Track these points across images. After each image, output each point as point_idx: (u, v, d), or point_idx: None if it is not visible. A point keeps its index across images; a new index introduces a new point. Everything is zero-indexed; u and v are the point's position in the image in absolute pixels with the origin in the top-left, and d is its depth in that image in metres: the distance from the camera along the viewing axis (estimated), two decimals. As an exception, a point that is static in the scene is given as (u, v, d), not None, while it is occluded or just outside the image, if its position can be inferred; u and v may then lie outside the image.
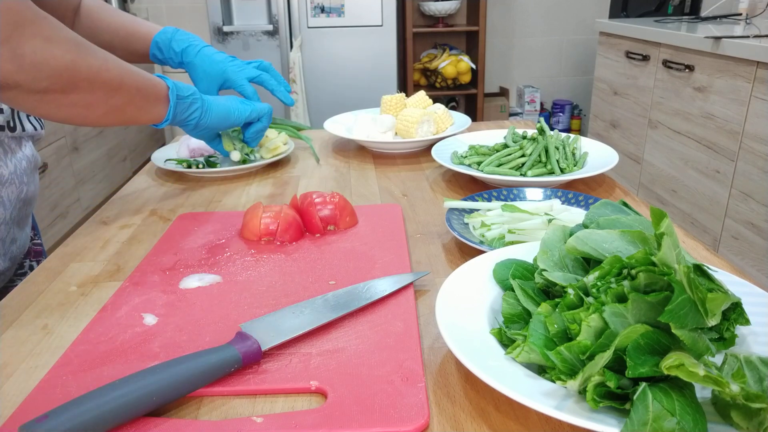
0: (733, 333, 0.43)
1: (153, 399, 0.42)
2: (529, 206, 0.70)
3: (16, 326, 0.56)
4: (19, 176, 0.78)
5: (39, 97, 0.63)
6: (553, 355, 0.40)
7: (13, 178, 0.77)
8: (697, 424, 0.35)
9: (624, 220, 0.50)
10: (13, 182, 0.77)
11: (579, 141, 0.95)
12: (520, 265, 0.53)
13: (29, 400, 0.45)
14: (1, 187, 0.75)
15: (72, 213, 2.57)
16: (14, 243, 0.80)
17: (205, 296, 0.59)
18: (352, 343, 0.50)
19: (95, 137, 2.87)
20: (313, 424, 0.41)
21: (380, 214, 0.78)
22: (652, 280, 0.40)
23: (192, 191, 0.92)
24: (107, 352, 0.50)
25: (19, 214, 0.80)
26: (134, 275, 0.64)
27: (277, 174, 0.99)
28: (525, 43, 3.77)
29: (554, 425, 0.42)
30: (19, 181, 0.78)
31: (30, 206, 0.83)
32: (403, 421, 0.41)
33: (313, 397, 0.45)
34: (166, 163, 1.00)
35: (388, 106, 1.14)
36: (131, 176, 1.43)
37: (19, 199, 0.78)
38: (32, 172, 0.82)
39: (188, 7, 3.61)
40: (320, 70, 3.06)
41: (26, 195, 0.80)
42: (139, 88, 0.73)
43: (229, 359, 0.45)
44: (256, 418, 0.42)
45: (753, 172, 1.82)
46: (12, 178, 0.77)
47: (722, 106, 1.95)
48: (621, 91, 2.65)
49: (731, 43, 1.86)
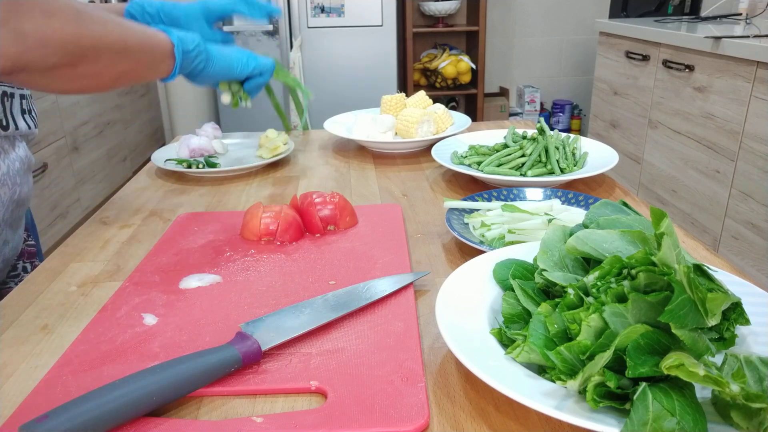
0: (733, 333, 0.43)
1: (153, 399, 0.42)
2: (529, 206, 0.70)
3: (16, 326, 0.56)
4: (12, 177, 0.77)
5: (49, 74, 0.61)
6: (553, 355, 0.40)
7: (6, 179, 0.76)
8: (697, 424, 0.35)
9: (624, 220, 0.50)
10: (6, 183, 0.76)
11: (579, 141, 0.95)
12: (520, 265, 0.53)
13: (29, 400, 0.45)
14: None
15: (72, 213, 2.57)
16: (6, 245, 0.79)
17: (205, 296, 0.59)
18: (352, 343, 0.50)
19: (95, 137, 2.87)
20: (313, 424, 0.41)
21: (380, 214, 0.78)
22: (652, 280, 0.40)
23: (192, 191, 0.92)
24: (107, 352, 0.50)
25: (11, 216, 0.79)
26: (134, 275, 0.64)
27: (277, 174, 0.99)
28: (525, 43, 3.77)
29: (554, 425, 0.42)
30: (12, 183, 0.77)
31: (23, 207, 0.82)
32: (403, 421, 0.41)
33: (313, 397, 0.45)
34: (166, 163, 1.00)
35: (388, 106, 1.14)
36: (131, 176, 1.43)
37: (12, 201, 0.78)
38: (26, 173, 0.81)
39: (188, 7, 3.61)
40: (320, 70, 3.06)
41: (19, 196, 0.79)
42: (143, 48, 0.71)
43: (230, 359, 0.45)
44: (256, 418, 0.42)
45: (753, 172, 1.82)
46: (5, 180, 0.76)
47: (722, 106, 1.95)
48: (621, 91, 2.65)
49: (731, 43, 1.86)
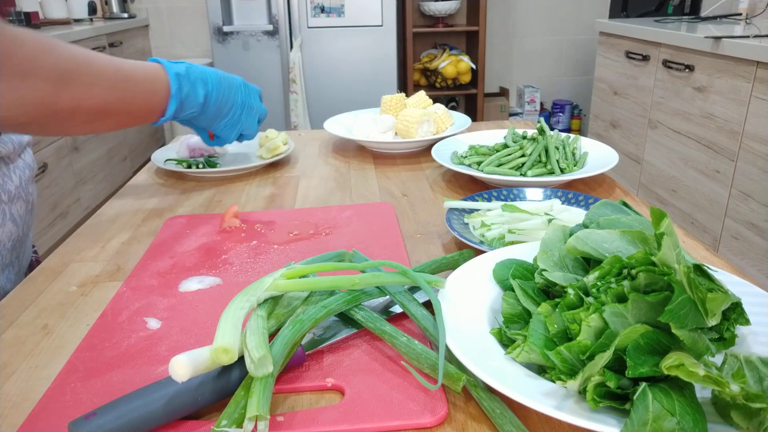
0: (733, 333, 0.43)
1: (198, 399, 0.42)
2: (529, 206, 0.70)
3: (16, 326, 0.56)
4: (24, 188, 0.76)
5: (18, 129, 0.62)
6: (553, 355, 0.40)
7: (20, 192, 0.75)
8: (697, 424, 0.35)
9: (624, 220, 0.50)
10: (20, 196, 0.75)
11: (579, 141, 0.95)
12: (520, 265, 0.53)
13: (40, 407, 0.44)
14: (11, 203, 0.72)
15: (72, 213, 2.56)
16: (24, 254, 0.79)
17: (207, 298, 0.59)
18: (358, 341, 0.51)
19: (95, 137, 2.87)
20: (335, 420, 0.42)
21: (373, 213, 0.78)
22: (652, 280, 0.40)
23: (192, 191, 0.92)
24: (114, 357, 0.50)
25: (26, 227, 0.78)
26: (130, 280, 0.63)
27: (277, 174, 0.99)
28: (525, 43, 3.77)
29: (554, 425, 0.42)
30: (26, 194, 0.76)
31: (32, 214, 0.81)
32: (424, 413, 0.42)
33: (331, 395, 0.46)
34: (166, 163, 1.00)
35: (388, 106, 1.14)
36: (131, 176, 1.43)
37: (27, 212, 0.77)
38: (32, 180, 0.81)
39: (188, 7, 3.61)
40: (320, 70, 3.06)
41: (31, 205, 0.79)
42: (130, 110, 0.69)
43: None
44: (277, 417, 0.42)
45: (753, 172, 1.82)
46: (19, 192, 0.75)
47: (722, 106, 1.95)
48: (621, 91, 2.65)
49: (731, 43, 1.86)
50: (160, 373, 0.47)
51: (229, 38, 3.00)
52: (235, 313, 0.44)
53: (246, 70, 3.03)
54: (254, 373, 0.40)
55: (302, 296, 0.51)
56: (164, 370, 0.48)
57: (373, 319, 0.50)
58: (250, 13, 3.01)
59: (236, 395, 0.41)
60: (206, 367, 0.40)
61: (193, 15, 3.62)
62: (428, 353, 0.45)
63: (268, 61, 3.05)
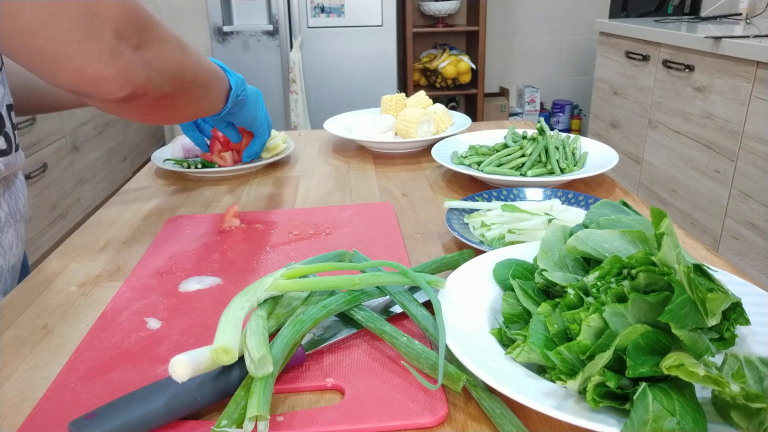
0: (733, 333, 0.43)
1: (198, 400, 0.41)
2: (529, 206, 0.70)
3: (16, 326, 0.56)
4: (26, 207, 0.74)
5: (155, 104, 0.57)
6: (553, 355, 0.40)
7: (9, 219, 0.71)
8: (697, 424, 0.35)
9: (624, 220, 0.50)
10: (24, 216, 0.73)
11: (579, 141, 0.95)
12: (520, 265, 0.53)
13: (40, 408, 0.44)
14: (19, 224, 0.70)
15: (72, 213, 2.56)
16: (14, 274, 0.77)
17: (207, 298, 0.59)
18: (358, 341, 0.51)
19: (95, 137, 2.87)
20: (335, 420, 0.42)
21: (373, 213, 0.78)
22: (652, 280, 0.40)
23: (192, 191, 0.92)
24: (114, 357, 0.50)
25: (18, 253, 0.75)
26: (130, 280, 0.63)
27: (277, 174, 0.99)
28: (525, 43, 3.77)
29: (554, 425, 0.42)
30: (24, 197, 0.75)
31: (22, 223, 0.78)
32: (424, 412, 0.42)
33: (331, 395, 0.46)
34: (165, 163, 1.00)
35: (388, 106, 1.14)
36: (131, 176, 1.43)
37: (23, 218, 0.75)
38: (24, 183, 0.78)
39: (188, 7, 3.61)
40: (320, 70, 3.06)
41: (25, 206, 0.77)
42: (219, 90, 0.71)
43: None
44: (277, 417, 0.42)
45: (753, 172, 1.82)
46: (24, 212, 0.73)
47: (722, 106, 1.95)
48: (621, 91, 2.65)
49: (731, 43, 1.86)
50: (160, 373, 0.47)
51: (229, 38, 3.00)
52: (235, 313, 0.44)
53: (246, 70, 3.03)
54: (254, 373, 0.40)
55: (302, 296, 0.51)
56: (164, 370, 0.48)
57: (373, 319, 0.50)
58: (250, 13, 3.01)
59: (236, 395, 0.41)
60: (206, 367, 0.40)
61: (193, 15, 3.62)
62: (428, 353, 0.45)
63: (268, 61, 3.04)
